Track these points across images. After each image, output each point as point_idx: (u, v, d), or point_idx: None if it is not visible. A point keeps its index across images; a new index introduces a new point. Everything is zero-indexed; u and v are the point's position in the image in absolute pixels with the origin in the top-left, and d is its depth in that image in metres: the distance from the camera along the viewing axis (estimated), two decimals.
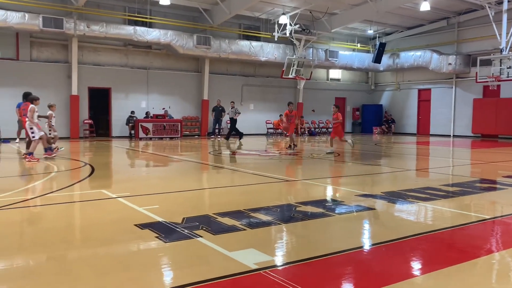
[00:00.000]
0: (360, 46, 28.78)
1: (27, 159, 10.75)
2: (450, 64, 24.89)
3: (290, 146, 15.18)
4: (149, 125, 20.88)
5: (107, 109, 21.81)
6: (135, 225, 4.75)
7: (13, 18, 17.69)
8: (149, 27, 20.97)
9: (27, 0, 18.28)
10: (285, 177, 8.78)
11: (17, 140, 17.18)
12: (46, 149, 11.51)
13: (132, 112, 21.40)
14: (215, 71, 24.32)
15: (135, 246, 4.15)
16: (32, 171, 9.62)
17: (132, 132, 21.14)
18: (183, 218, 5.00)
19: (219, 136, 22.36)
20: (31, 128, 11.05)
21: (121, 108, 21.66)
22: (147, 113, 21.98)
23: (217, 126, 22.56)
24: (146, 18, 21.06)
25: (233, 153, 13.69)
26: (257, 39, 24.59)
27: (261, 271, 3.38)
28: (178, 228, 4.63)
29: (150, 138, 20.71)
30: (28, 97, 11.55)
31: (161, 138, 20.93)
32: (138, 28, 20.41)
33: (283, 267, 3.57)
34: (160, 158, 13.14)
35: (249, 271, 3.40)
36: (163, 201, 6.38)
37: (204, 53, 22.41)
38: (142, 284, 3.21)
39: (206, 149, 16.39)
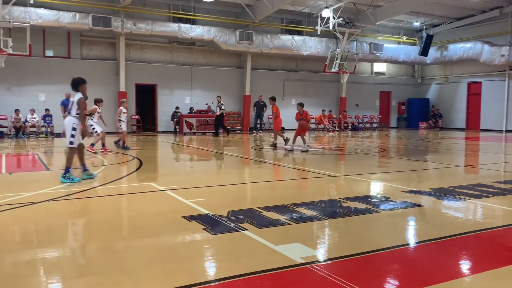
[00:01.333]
0: (406, 39, 27.94)
1: (101, 150, 11.79)
2: (503, 55, 23.67)
3: (274, 143, 14.21)
4: (193, 120, 21.29)
5: (153, 104, 22.41)
6: (183, 217, 4.89)
7: (65, 18, 18.51)
8: (193, 24, 21.34)
9: (78, 0, 19.07)
10: (328, 172, 8.72)
11: None
12: (92, 144, 11.98)
13: (177, 107, 21.88)
14: (257, 66, 24.40)
15: (183, 237, 4.28)
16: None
17: (177, 127, 21.63)
18: (228, 211, 5.09)
19: (260, 131, 22.46)
20: (91, 125, 11.68)
21: (166, 104, 22.19)
22: (191, 108, 22.41)
23: (258, 121, 22.65)
24: (190, 15, 21.42)
25: (275, 148, 13.70)
26: (300, 33, 24.43)
27: (307, 266, 3.40)
28: (224, 220, 4.73)
29: (194, 133, 21.11)
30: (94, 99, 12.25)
31: (204, 133, 21.28)
32: (182, 25, 20.81)
33: (330, 262, 3.56)
34: (204, 153, 13.38)
35: (296, 265, 3.43)
36: (208, 194, 6.51)
37: (246, 49, 22.54)
38: (191, 274, 3.31)
39: (248, 144, 16.52)
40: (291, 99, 25.73)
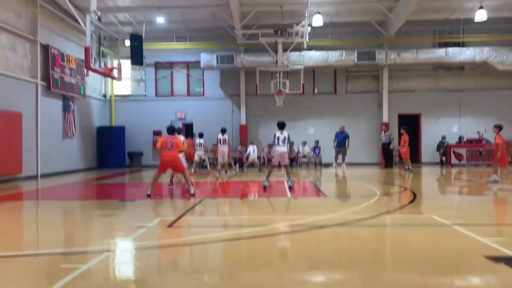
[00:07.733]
0: None
1: None
2: None
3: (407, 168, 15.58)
4: (463, 151, 19.40)
5: (416, 135, 21.54)
6: (485, 256, 4.25)
7: (333, 57, 20.00)
8: (461, 47, 19.75)
9: (344, 41, 20.38)
10: None
11: (334, 165, 19.05)
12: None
13: (443, 137, 20.41)
14: None
15: (494, 280, 3.68)
16: (357, 194, 10.32)
17: (443, 158, 20.11)
18: None
19: None
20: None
21: (430, 133, 21.03)
22: (459, 137, 20.52)
23: None
24: (459, 37, 19.93)
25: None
26: None
27: None
28: None
29: (463, 165, 19.15)
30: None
31: (476, 165, 19.03)
32: (449, 49, 19.51)
33: None
34: (479, 186, 11.79)
35: None
36: (504, 233, 5.56)
37: None
38: None
39: None
40: None
